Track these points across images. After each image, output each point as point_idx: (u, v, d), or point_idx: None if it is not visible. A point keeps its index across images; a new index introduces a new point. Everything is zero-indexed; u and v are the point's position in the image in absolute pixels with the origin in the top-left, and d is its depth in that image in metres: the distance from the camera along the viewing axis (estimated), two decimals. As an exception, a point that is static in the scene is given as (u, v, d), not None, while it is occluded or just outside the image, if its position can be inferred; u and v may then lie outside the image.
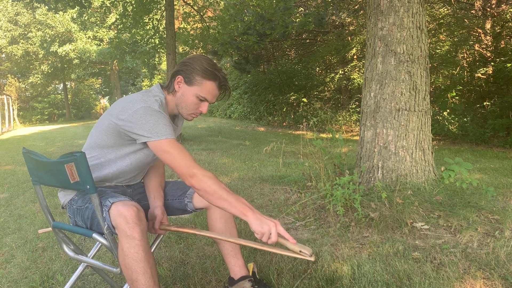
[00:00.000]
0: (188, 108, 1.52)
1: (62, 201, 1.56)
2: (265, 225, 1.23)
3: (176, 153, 1.35)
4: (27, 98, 28.04)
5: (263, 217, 1.25)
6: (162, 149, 1.37)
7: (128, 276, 1.30)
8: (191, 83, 1.48)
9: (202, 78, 1.47)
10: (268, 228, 1.23)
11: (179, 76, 1.50)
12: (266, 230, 1.23)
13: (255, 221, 1.24)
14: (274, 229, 1.23)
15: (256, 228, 1.24)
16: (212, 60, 1.52)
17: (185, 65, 1.49)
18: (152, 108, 1.40)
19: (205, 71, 1.46)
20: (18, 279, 2.00)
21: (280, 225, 1.25)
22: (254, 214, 1.26)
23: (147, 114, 1.38)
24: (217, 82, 1.49)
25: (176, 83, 1.51)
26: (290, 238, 1.24)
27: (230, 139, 8.90)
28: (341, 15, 11.60)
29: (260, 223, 1.24)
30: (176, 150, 1.36)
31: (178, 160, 1.35)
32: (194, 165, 1.34)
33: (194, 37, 10.37)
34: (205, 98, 1.49)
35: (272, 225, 1.23)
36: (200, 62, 1.47)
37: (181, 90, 1.50)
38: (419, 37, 3.04)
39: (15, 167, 5.79)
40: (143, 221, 1.34)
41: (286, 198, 3.31)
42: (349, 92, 12.88)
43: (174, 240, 2.44)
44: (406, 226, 2.44)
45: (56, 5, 9.27)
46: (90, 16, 20.37)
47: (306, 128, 3.98)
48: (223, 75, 1.51)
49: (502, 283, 1.75)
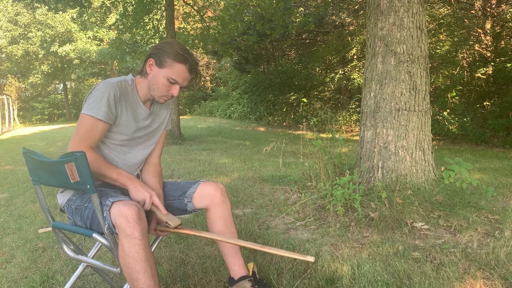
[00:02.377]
0: (159, 90, 1.56)
1: (60, 202, 1.57)
2: (141, 194, 1.42)
3: (78, 131, 1.44)
4: (27, 98, 28.05)
5: (142, 187, 1.43)
6: (78, 121, 1.46)
7: (129, 276, 1.30)
8: (162, 65, 1.52)
9: (172, 61, 1.51)
10: (143, 197, 1.42)
11: (151, 59, 1.54)
12: (141, 199, 1.42)
13: (134, 190, 1.43)
14: (148, 199, 1.42)
15: (133, 196, 1.43)
16: (183, 45, 1.57)
17: (157, 49, 1.54)
18: (109, 81, 1.50)
19: (176, 54, 1.51)
20: (18, 279, 2.00)
21: (155, 195, 1.44)
22: (133, 183, 1.44)
23: (98, 90, 1.46)
24: (187, 65, 1.53)
25: (148, 66, 1.55)
26: (162, 209, 1.44)
27: (230, 139, 8.90)
28: (341, 15, 11.60)
29: (137, 192, 1.42)
30: (80, 128, 1.44)
31: (74, 137, 1.44)
32: (83, 146, 1.41)
33: (194, 37, 10.37)
34: (175, 81, 1.53)
35: (148, 195, 1.42)
36: (172, 46, 1.52)
37: (153, 73, 1.55)
38: (419, 37, 3.04)
39: (15, 167, 5.79)
40: (144, 220, 1.34)
41: (286, 198, 3.31)
42: (349, 92, 12.88)
43: (174, 240, 2.44)
44: (406, 226, 2.44)
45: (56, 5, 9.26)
46: (90, 16, 20.35)
47: (306, 128, 3.98)
48: (194, 59, 1.55)
49: (502, 283, 1.75)
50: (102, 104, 1.45)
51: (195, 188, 1.68)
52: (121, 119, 1.54)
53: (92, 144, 1.46)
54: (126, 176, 1.45)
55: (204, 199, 1.67)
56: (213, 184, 1.70)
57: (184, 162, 5.58)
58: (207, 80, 21.53)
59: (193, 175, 4.55)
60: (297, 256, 1.22)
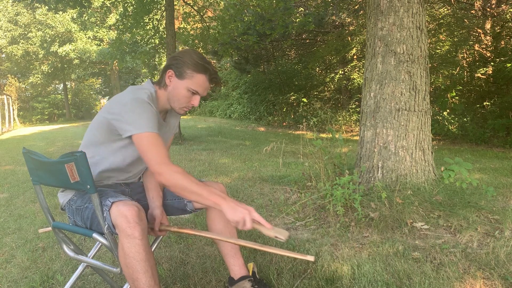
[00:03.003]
0: (179, 101, 1.54)
1: (61, 202, 1.57)
2: (239, 213, 1.24)
3: (150, 149, 1.36)
4: (27, 98, 28.05)
5: (237, 205, 1.26)
6: (139, 143, 1.38)
7: (129, 276, 1.31)
8: (182, 76, 1.50)
9: (192, 71, 1.49)
10: (242, 216, 1.24)
11: (170, 70, 1.52)
12: (240, 218, 1.24)
13: (229, 209, 1.25)
14: (248, 217, 1.24)
15: (230, 217, 1.25)
16: (201, 54, 1.54)
17: (175, 59, 1.51)
18: (141, 98, 1.42)
19: (196, 64, 1.49)
20: (18, 279, 2.00)
21: (254, 211, 1.27)
22: (227, 203, 1.27)
23: (134, 106, 1.39)
24: (207, 75, 1.51)
25: (167, 77, 1.53)
26: (265, 223, 1.26)
27: (230, 139, 8.90)
28: (341, 15, 11.60)
29: (234, 211, 1.25)
30: (151, 145, 1.36)
31: (150, 157, 1.35)
32: (164, 161, 1.34)
33: (194, 37, 10.37)
34: (196, 91, 1.52)
35: (246, 212, 1.25)
36: (190, 56, 1.50)
37: (172, 84, 1.53)
38: (419, 37, 3.04)
39: (15, 167, 5.79)
40: (144, 220, 1.34)
41: (286, 198, 3.31)
42: (349, 92, 12.88)
43: (174, 240, 2.44)
44: (406, 226, 2.44)
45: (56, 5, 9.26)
46: (90, 16, 20.34)
47: (306, 128, 3.98)
48: (213, 68, 1.53)
49: (502, 283, 1.75)
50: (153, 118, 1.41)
51: (195, 188, 1.67)
52: None
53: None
54: (218, 194, 1.30)
55: (204, 199, 1.66)
56: (213, 184, 1.70)
57: (184, 162, 5.58)
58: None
59: (193, 175, 4.54)
60: (297, 256, 1.21)
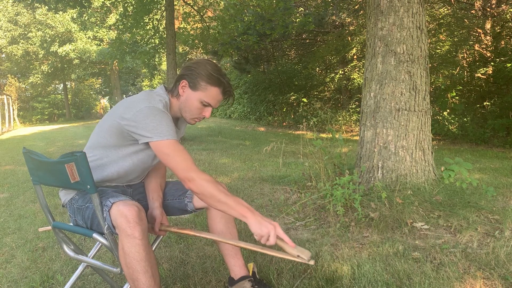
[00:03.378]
0: (191, 112, 1.52)
1: (63, 200, 1.56)
2: (264, 227, 1.23)
3: (176, 156, 1.35)
4: (27, 98, 28.04)
5: (263, 220, 1.25)
6: (162, 151, 1.36)
7: (129, 276, 1.31)
8: (195, 88, 1.49)
9: (206, 84, 1.47)
10: (267, 231, 1.23)
11: (184, 80, 1.50)
12: (265, 233, 1.23)
13: (255, 223, 1.25)
14: (273, 232, 1.23)
15: (255, 230, 1.24)
16: (217, 65, 1.52)
17: (190, 70, 1.49)
18: (157, 107, 1.40)
19: (210, 76, 1.47)
20: (18, 279, 2.00)
21: (279, 227, 1.25)
22: (254, 216, 1.26)
23: (151, 113, 1.37)
24: (221, 88, 1.50)
25: (181, 87, 1.51)
26: (289, 241, 1.24)
27: (230, 139, 8.90)
28: (341, 15, 11.60)
29: (260, 225, 1.24)
30: (176, 152, 1.35)
31: (177, 163, 1.34)
32: (193, 168, 1.33)
33: (194, 37, 10.37)
34: (209, 104, 1.50)
35: (271, 227, 1.24)
36: (205, 67, 1.47)
37: (185, 95, 1.51)
38: (419, 37, 3.04)
39: (15, 167, 5.79)
40: (144, 220, 1.34)
41: (286, 198, 3.31)
42: (349, 92, 12.88)
43: (174, 240, 2.44)
44: (406, 226, 2.44)
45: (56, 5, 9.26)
46: (90, 16, 20.33)
47: (306, 128, 3.98)
48: (228, 81, 1.52)
49: (502, 283, 1.75)
50: (172, 126, 1.41)
51: (195, 188, 1.67)
52: None
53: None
54: (246, 206, 1.30)
55: (204, 199, 1.66)
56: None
57: (184, 162, 5.57)
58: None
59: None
60: (298, 259, 1.21)
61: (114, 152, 1.49)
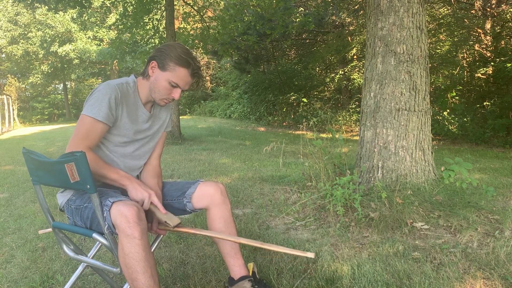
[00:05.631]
0: (160, 92, 1.57)
1: (60, 203, 1.57)
2: (140, 193, 1.41)
3: (77, 132, 1.45)
4: (27, 98, 28.05)
5: (140, 187, 1.43)
6: (78, 122, 1.47)
7: (128, 276, 1.30)
8: (164, 68, 1.53)
9: (175, 65, 1.52)
10: (141, 197, 1.41)
11: (153, 61, 1.55)
12: (139, 198, 1.41)
13: (132, 189, 1.42)
14: (147, 199, 1.41)
15: (131, 195, 1.42)
16: (187, 48, 1.56)
17: (160, 51, 1.54)
18: (104, 84, 1.50)
19: (179, 58, 1.51)
20: (18, 279, 2.00)
21: (154, 195, 1.44)
22: (131, 183, 1.43)
23: (97, 91, 1.47)
24: (190, 69, 1.54)
25: (150, 68, 1.56)
26: (161, 208, 1.44)
27: (230, 139, 8.90)
28: (341, 15, 11.61)
29: (136, 191, 1.41)
30: (80, 128, 1.45)
31: (72, 138, 1.45)
32: (77, 145, 1.42)
33: (194, 37, 10.36)
34: (177, 84, 1.54)
35: (146, 195, 1.41)
36: (175, 49, 1.52)
37: (155, 75, 1.56)
38: (419, 37, 3.04)
39: (15, 167, 5.79)
40: (144, 220, 1.34)
41: (286, 198, 3.31)
42: (349, 92, 12.88)
43: (174, 240, 2.44)
44: (406, 226, 2.44)
45: (57, 5, 9.26)
46: (90, 16, 20.36)
47: (306, 128, 3.99)
48: (197, 63, 1.56)
49: (502, 283, 1.75)
50: (103, 106, 1.45)
51: (194, 188, 1.68)
52: (121, 122, 1.55)
53: (91, 144, 1.47)
54: (125, 176, 1.45)
55: (203, 199, 1.67)
56: (213, 184, 1.70)
57: (184, 162, 5.58)
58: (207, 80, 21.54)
59: (193, 175, 4.55)
60: (297, 253, 1.22)
61: (102, 146, 1.57)
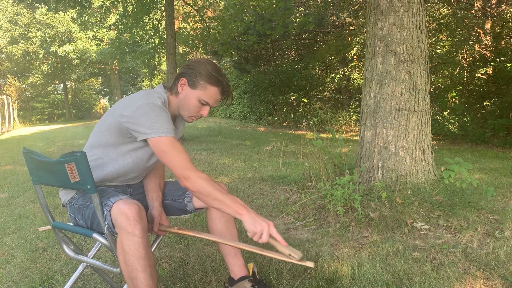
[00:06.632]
0: (189, 110, 1.54)
1: (63, 199, 1.56)
2: (258, 225, 1.25)
3: (173, 153, 1.36)
4: (27, 98, 28.02)
5: (258, 217, 1.27)
6: (160, 147, 1.37)
7: (127, 274, 1.30)
8: (194, 86, 1.50)
9: (206, 83, 1.49)
10: (260, 228, 1.25)
11: (183, 78, 1.52)
12: (258, 230, 1.25)
13: (249, 220, 1.27)
14: (266, 230, 1.25)
15: (249, 227, 1.26)
16: (216, 65, 1.54)
17: (190, 68, 1.51)
18: (155, 104, 1.41)
19: (210, 76, 1.48)
20: (18, 279, 2.00)
21: (273, 226, 1.27)
22: (249, 213, 1.28)
23: (149, 110, 1.39)
24: (220, 88, 1.51)
25: (180, 85, 1.52)
26: (281, 240, 1.26)
27: (230, 139, 8.90)
28: (341, 15, 11.61)
29: (254, 222, 1.26)
30: (173, 150, 1.36)
31: (174, 161, 1.35)
32: (189, 166, 1.34)
33: (194, 37, 10.36)
34: (207, 103, 1.52)
35: (265, 225, 1.25)
36: (205, 67, 1.49)
37: (184, 93, 1.52)
38: (419, 37, 3.04)
39: (15, 167, 5.79)
40: (144, 219, 1.34)
41: (286, 198, 3.31)
42: (349, 92, 12.87)
43: (174, 240, 2.44)
44: (406, 226, 2.44)
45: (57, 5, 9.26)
46: (90, 16, 20.33)
47: (306, 128, 3.99)
48: (227, 81, 1.53)
49: (502, 283, 1.75)
50: (170, 123, 1.42)
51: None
52: None
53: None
54: (241, 204, 1.31)
55: (204, 199, 1.66)
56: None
57: (184, 162, 5.57)
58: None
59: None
60: (296, 262, 1.22)
61: (113, 150, 1.50)
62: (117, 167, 1.52)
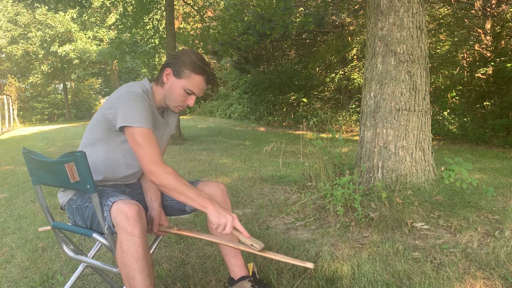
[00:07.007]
0: (175, 100, 1.55)
1: (61, 202, 1.57)
2: (223, 217, 1.31)
3: (145, 146, 1.38)
4: (27, 98, 28.03)
5: (223, 210, 1.32)
6: (133, 138, 1.39)
7: (125, 274, 1.30)
8: (179, 76, 1.52)
9: (190, 72, 1.50)
10: (225, 221, 1.30)
11: (168, 68, 1.53)
12: (222, 222, 1.31)
13: (214, 213, 1.31)
14: (230, 222, 1.30)
15: (213, 219, 1.31)
16: (201, 54, 1.55)
17: (174, 58, 1.53)
18: (135, 92, 1.44)
19: (194, 65, 1.50)
20: (18, 279, 2.00)
21: (237, 219, 1.33)
22: (213, 206, 1.33)
23: (128, 99, 1.42)
24: (205, 76, 1.53)
25: (165, 75, 1.54)
26: (244, 232, 1.32)
27: (230, 139, 8.89)
28: (341, 15, 11.61)
29: (218, 215, 1.31)
30: (146, 143, 1.38)
31: (144, 153, 1.37)
32: (157, 161, 1.36)
33: (194, 37, 10.36)
34: (192, 92, 1.53)
35: (230, 218, 1.31)
36: (190, 56, 1.51)
37: (170, 82, 1.54)
38: (419, 37, 3.04)
39: (15, 167, 5.79)
40: (144, 219, 1.34)
41: (286, 198, 3.31)
42: (349, 92, 12.87)
43: (174, 240, 2.44)
44: (406, 226, 2.44)
45: (56, 5, 9.26)
46: (90, 16, 20.34)
47: (306, 128, 3.99)
48: (212, 70, 1.55)
49: (502, 283, 1.75)
50: (147, 113, 1.42)
51: (194, 188, 1.68)
52: None
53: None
54: (207, 198, 1.35)
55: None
56: (213, 184, 1.70)
57: (184, 162, 5.58)
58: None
59: (193, 175, 4.55)
60: (297, 262, 1.22)
61: (102, 146, 1.52)
62: (108, 163, 1.53)
